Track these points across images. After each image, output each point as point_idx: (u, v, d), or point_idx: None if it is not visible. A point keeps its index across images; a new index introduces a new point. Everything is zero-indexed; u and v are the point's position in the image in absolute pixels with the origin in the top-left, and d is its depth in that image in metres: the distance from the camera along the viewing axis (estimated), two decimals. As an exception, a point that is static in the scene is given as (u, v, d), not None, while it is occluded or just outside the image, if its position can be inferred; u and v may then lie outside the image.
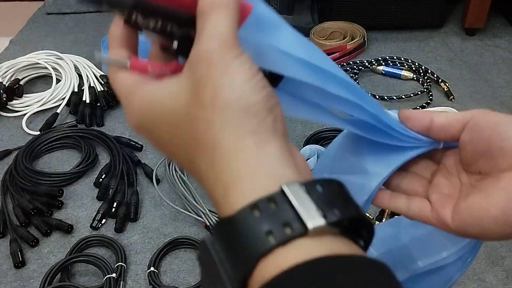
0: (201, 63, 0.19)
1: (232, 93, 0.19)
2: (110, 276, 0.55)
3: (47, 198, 0.64)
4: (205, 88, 0.19)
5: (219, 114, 0.19)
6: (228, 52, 0.20)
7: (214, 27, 0.20)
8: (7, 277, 0.57)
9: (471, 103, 0.83)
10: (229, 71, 0.19)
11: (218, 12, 0.20)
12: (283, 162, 0.19)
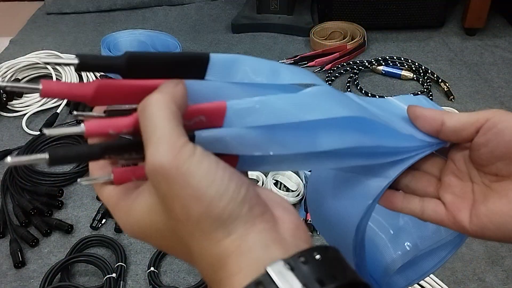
0: (159, 181, 0.19)
1: (201, 204, 0.19)
2: (110, 276, 0.55)
3: (47, 198, 0.64)
4: (174, 204, 0.19)
5: (195, 226, 0.19)
6: (179, 158, 0.19)
7: (154, 131, 0.19)
8: (7, 277, 0.57)
9: (471, 103, 0.83)
10: (190, 181, 0.19)
11: (154, 109, 0.19)
12: (266, 245, 0.19)
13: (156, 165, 0.19)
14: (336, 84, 0.89)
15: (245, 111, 0.22)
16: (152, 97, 0.20)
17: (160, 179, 0.19)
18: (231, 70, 0.23)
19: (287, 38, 1.03)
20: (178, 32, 1.07)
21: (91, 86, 0.21)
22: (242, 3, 1.14)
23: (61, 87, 0.21)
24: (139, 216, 0.21)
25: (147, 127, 0.19)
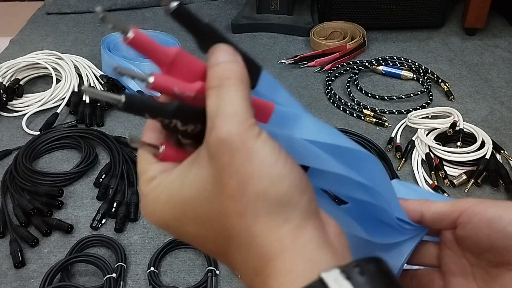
0: (222, 152, 0.18)
1: (260, 183, 0.18)
2: (110, 276, 0.55)
3: (47, 198, 0.64)
4: (231, 179, 0.18)
5: (249, 206, 0.18)
6: (247, 134, 0.18)
7: (227, 106, 0.19)
8: (7, 277, 0.57)
9: (471, 103, 0.83)
10: (253, 157, 0.18)
11: (228, 87, 0.19)
12: (320, 245, 0.18)
13: (223, 134, 0.18)
14: (336, 84, 0.89)
15: (289, 118, 0.22)
16: (232, 76, 0.20)
17: (223, 150, 0.18)
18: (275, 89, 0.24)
19: (287, 38, 1.03)
20: (178, 32, 1.07)
21: (173, 49, 0.21)
22: (242, 3, 1.14)
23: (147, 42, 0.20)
24: (181, 193, 0.19)
25: (222, 99, 0.19)
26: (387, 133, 0.76)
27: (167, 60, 0.21)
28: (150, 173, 0.21)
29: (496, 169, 0.66)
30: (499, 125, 0.77)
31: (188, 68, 0.21)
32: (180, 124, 0.20)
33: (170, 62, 0.21)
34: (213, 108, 0.19)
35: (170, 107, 0.20)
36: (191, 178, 0.19)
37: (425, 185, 0.66)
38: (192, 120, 0.21)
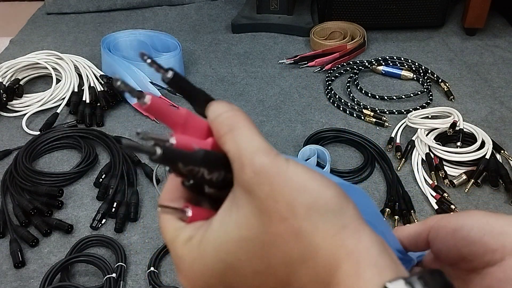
0: (261, 183, 0.18)
1: (307, 196, 0.18)
2: (110, 276, 0.55)
3: (47, 198, 0.64)
4: (278, 203, 0.18)
5: (305, 221, 0.18)
6: (278, 161, 0.19)
7: (249, 143, 0.19)
8: (7, 277, 0.57)
9: (471, 103, 0.83)
10: (293, 177, 0.19)
11: (240, 129, 0.20)
12: (382, 250, 0.18)
13: (257, 167, 0.19)
14: (336, 84, 0.89)
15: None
16: (240, 119, 0.21)
17: (261, 181, 0.18)
18: None
19: (287, 38, 1.03)
20: (178, 32, 1.07)
21: (183, 110, 0.22)
22: (242, 3, 1.14)
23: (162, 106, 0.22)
24: (224, 239, 0.19)
25: (240, 140, 0.20)
26: (387, 133, 0.76)
27: (180, 121, 0.22)
28: (185, 235, 0.21)
29: (496, 169, 0.66)
30: (499, 125, 0.77)
31: (197, 126, 0.23)
32: (207, 172, 0.21)
33: (183, 123, 0.22)
34: (235, 150, 0.20)
35: (198, 155, 0.21)
36: (234, 221, 0.19)
37: (425, 185, 0.66)
38: (218, 166, 0.21)
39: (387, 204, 0.63)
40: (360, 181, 0.68)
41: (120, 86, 0.20)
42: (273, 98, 0.85)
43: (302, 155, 0.69)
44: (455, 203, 0.63)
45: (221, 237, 0.20)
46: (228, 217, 0.20)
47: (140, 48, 0.92)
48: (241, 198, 0.19)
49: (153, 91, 0.81)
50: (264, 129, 0.78)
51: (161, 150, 0.19)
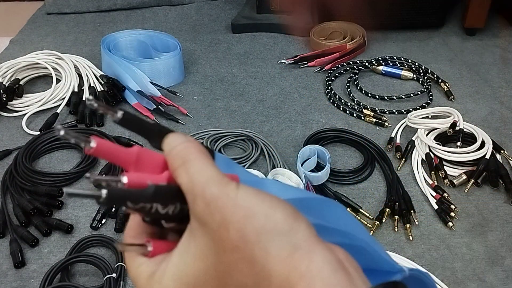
0: (212, 213, 0.19)
1: (256, 221, 0.18)
2: (110, 276, 0.55)
3: (47, 198, 0.64)
4: (229, 231, 0.18)
5: (256, 246, 0.18)
6: (228, 189, 0.19)
7: (199, 175, 0.20)
8: (7, 277, 0.57)
9: (471, 103, 0.83)
10: (241, 204, 0.19)
11: (193, 161, 0.20)
12: (335, 268, 0.18)
13: (207, 198, 0.19)
14: (336, 84, 0.89)
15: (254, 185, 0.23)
16: (192, 151, 0.21)
17: (212, 211, 0.19)
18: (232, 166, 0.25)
19: (287, 38, 1.03)
20: (178, 32, 1.07)
21: (134, 149, 0.22)
22: (242, 3, 1.14)
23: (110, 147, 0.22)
24: (183, 271, 0.20)
25: (192, 172, 0.20)
26: (387, 133, 0.76)
27: (131, 159, 0.22)
28: (147, 270, 0.21)
29: (496, 169, 0.66)
30: (499, 125, 0.77)
31: (151, 162, 0.23)
32: (160, 207, 0.21)
33: (135, 161, 0.22)
34: (188, 182, 0.20)
35: (148, 191, 0.21)
36: (192, 253, 0.20)
37: (425, 185, 0.66)
38: (171, 200, 0.21)
39: (387, 204, 0.63)
40: (360, 181, 0.68)
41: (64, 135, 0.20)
42: (273, 98, 0.85)
43: (302, 155, 0.69)
44: (455, 203, 0.63)
45: (180, 270, 0.20)
46: (187, 249, 0.20)
47: (140, 48, 0.92)
48: (197, 230, 0.20)
49: (153, 91, 0.81)
50: (264, 129, 0.78)
51: (106, 193, 0.19)
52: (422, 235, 0.60)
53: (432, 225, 0.62)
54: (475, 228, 0.61)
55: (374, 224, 0.60)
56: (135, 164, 0.22)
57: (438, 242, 0.59)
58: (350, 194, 0.65)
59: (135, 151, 0.22)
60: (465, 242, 0.59)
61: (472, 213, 0.63)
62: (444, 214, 0.62)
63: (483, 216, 0.63)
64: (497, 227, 0.61)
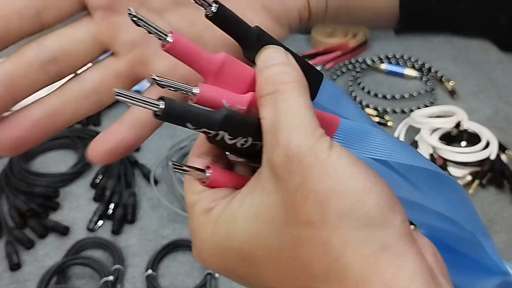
0: (292, 171, 0.15)
1: (344, 200, 0.15)
2: (107, 279, 0.54)
3: (43, 199, 0.63)
4: (307, 202, 0.15)
5: (335, 231, 0.15)
6: (319, 147, 0.16)
7: (289, 116, 0.16)
8: (2, 279, 0.57)
9: (475, 102, 0.82)
10: (331, 172, 0.15)
11: (286, 94, 0.17)
12: (427, 282, 0.15)
13: (292, 150, 0.15)
14: (338, 82, 0.88)
15: (356, 134, 0.19)
16: (288, 80, 0.17)
17: (293, 169, 0.15)
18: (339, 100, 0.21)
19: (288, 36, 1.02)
20: (178, 30, 1.06)
21: (219, 56, 0.18)
22: (242, 0, 1.13)
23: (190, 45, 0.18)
24: (242, 225, 0.16)
25: (281, 109, 0.16)
26: (390, 132, 0.75)
27: (212, 69, 0.18)
28: (204, 203, 0.18)
29: (501, 169, 0.65)
30: (504, 125, 0.76)
31: (237, 76, 0.19)
32: (228, 137, 0.18)
33: (216, 71, 0.18)
34: (272, 120, 0.17)
35: (217, 117, 0.17)
36: (256, 207, 0.17)
37: (429, 186, 0.65)
38: (244, 133, 0.18)
39: (390, 206, 0.62)
40: (362, 182, 0.67)
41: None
42: (274, 97, 0.84)
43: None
44: (459, 204, 0.62)
45: (238, 222, 0.17)
46: (250, 199, 0.17)
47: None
48: (268, 182, 0.16)
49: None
50: (265, 129, 0.77)
51: (164, 104, 0.16)
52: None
53: (436, 227, 0.61)
54: (480, 230, 0.60)
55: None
56: (215, 74, 0.18)
57: (442, 244, 0.58)
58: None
59: (221, 58, 0.18)
60: (470, 244, 0.58)
61: (477, 214, 0.62)
62: (448, 216, 0.61)
63: (488, 217, 0.61)
64: (502, 228, 0.60)
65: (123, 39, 0.22)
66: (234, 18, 0.19)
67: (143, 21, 0.17)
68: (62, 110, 0.22)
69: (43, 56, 0.21)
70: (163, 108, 0.16)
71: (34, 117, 0.21)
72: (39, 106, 0.21)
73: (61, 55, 0.21)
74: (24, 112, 0.21)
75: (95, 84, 0.22)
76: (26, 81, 0.21)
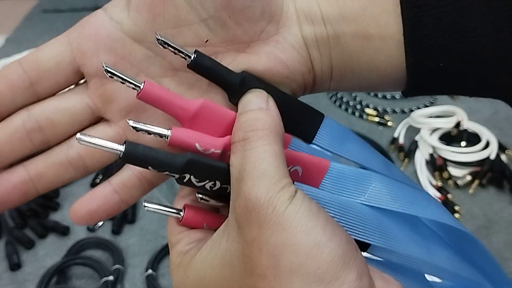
0: (250, 222, 0.16)
1: (294, 255, 0.15)
2: (107, 279, 0.54)
3: (43, 200, 0.63)
4: (261, 254, 0.15)
5: (286, 283, 0.15)
6: (278, 198, 0.16)
7: (254, 165, 0.16)
8: (2, 279, 0.56)
9: (475, 102, 0.82)
10: (285, 225, 0.15)
11: (255, 141, 0.17)
12: None
13: (251, 200, 0.16)
14: (338, 82, 0.88)
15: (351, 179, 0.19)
16: (259, 127, 0.17)
17: (251, 219, 0.16)
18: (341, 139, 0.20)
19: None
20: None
21: (196, 102, 0.19)
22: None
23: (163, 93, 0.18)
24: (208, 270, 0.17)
25: (248, 157, 0.16)
26: (390, 133, 0.75)
27: (187, 116, 0.19)
28: (180, 247, 0.19)
29: (501, 169, 0.65)
30: (504, 125, 0.76)
31: (216, 120, 0.19)
32: (195, 180, 0.18)
33: (191, 117, 0.18)
34: (238, 168, 0.17)
35: (180, 161, 0.17)
36: (220, 254, 0.17)
37: (429, 185, 0.65)
38: (210, 177, 0.18)
39: (390, 205, 0.62)
40: (362, 182, 0.67)
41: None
42: (274, 97, 0.84)
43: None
44: (459, 204, 0.62)
45: (207, 268, 0.17)
46: (218, 246, 0.17)
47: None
48: (232, 229, 0.17)
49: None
50: (265, 129, 0.77)
51: (124, 148, 0.17)
52: (426, 237, 0.59)
53: (436, 226, 0.61)
54: (480, 229, 0.60)
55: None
56: (191, 119, 0.19)
57: (443, 244, 0.58)
58: (352, 195, 0.64)
59: (197, 105, 0.19)
60: (470, 244, 0.58)
61: (477, 214, 0.62)
62: (448, 216, 0.61)
63: (487, 217, 0.62)
64: (502, 228, 0.60)
65: (117, 106, 0.22)
66: (215, 65, 0.19)
67: (116, 74, 0.18)
68: (45, 174, 0.22)
69: (29, 125, 0.21)
70: (124, 152, 0.17)
71: (15, 180, 0.21)
72: (23, 169, 0.22)
73: (47, 125, 0.21)
74: (7, 174, 0.21)
75: (82, 150, 0.22)
76: (10, 147, 0.21)
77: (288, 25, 0.22)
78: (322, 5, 0.22)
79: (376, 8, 0.21)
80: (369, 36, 0.22)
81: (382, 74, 0.22)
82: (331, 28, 0.22)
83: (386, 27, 0.21)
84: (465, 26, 0.20)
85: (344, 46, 0.22)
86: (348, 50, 0.22)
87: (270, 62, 0.21)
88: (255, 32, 0.21)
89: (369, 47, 0.22)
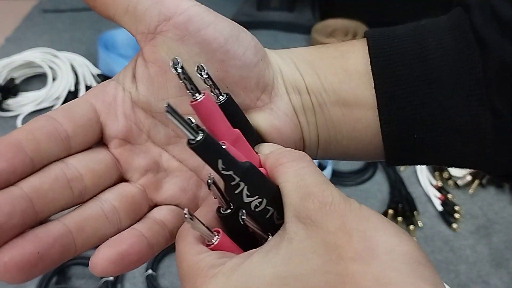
0: (329, 214, 0.17)
1: (389, 236, 0.16)
2: (107, 279, 0.54)
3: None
4: (352, 237, 0.16)
5: (388, 263, 0.15)
6: (349, 200, 0.18)
7: (315, 177, 0.19)
8: (1, 280, 0.56)
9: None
10: (367, 216, 0.17)
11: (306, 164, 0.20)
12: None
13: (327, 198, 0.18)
14: (337, 82, 0.88)
15: None
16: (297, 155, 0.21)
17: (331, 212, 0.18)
18: None
19: (288, 36, 1.02)
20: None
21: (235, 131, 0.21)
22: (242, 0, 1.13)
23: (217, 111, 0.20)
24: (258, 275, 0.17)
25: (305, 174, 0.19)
26: (390, 132, 0.75)
27: (231, 137, 0.20)
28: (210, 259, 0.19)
29: (501, 169, 0.65)
30: (503, 125, 0.76)
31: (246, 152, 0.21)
32: (246, 192, 0.19)
33: (234, 140, 0.20)
34: (298, 180, 0.19)
35: (243, 164, 0.19)
36: (282, 257, 0.17)
37: (429, 185, 0.65)
38: (261, 192, 0.19)
39: (390, 205, 0.62)
40: (362, 182, 0.67)
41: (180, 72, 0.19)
42: (273, 97, 0.84)
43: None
44: (459, 204, 0.62)
45: (264, 270, 0.17)
46: (274, 252, 0.17)
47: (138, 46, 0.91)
48: (296, 233, 0.17)
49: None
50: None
51: (203, 136, 0.17)
52: (425, 237, 0.59)
53: (435, 226, 0.61)
54: (480, 229, 0.60)
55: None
56: (234, 142, 0.20)
57: (442, 244, 0.58)
58: (352, 195, 0.64)
59: (238, 132, 0.21)
60: (469, 244, 0.58)
61: (477, 214, 0.62)
62: (448, 216, 0.61)
63: (487, 217, 0.62)
64: (502, 228, 0.60)
65: (136, 166, 0.23)
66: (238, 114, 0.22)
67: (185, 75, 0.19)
68: (83, 227, 0.22)
69: (69, 172, 0.21)
70: (203, 138, 0.17)
71: (54, 233, 0.20)
72: (59, 223, 0.21)
73: (86, 173, 0.22)
74: (44, 228, 0.20)
75: (115, 203, 0.23)
76: (52, 196, 0.20)
77: (279, 94, 0.25)
78: (305, 78, 0.25)
79: (353, 82, 0.24)
80: (348, 105, 0.24)
81: (363, 142, 0.25)
82: (315, 97, 0.25)
83: (363, 98, 0.24)
84: (436, 98, 0.22)
85: (327, 114, 0.25)
86: (331, 118, 0.25)
87: (267, 129, 0.24)
88: (251, 99, 0.24)
89: (350, 116, 0.24)
